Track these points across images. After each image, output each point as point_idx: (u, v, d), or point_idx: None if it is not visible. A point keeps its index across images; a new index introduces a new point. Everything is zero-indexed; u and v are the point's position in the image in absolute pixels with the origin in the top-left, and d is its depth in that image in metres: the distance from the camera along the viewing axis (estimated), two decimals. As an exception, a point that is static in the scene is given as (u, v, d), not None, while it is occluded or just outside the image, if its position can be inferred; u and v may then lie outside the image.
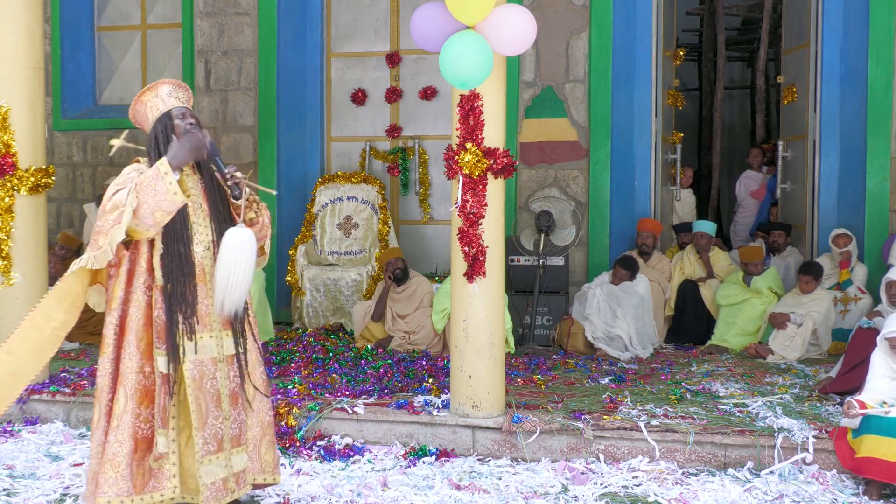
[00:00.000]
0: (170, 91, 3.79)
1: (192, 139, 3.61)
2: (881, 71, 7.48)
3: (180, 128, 3.71)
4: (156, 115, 3.74)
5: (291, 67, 8.77)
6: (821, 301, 6.97)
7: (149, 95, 3.78)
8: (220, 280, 3.59)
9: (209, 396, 3.65)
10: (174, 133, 3.70)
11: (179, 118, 3.73)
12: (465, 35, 4.64)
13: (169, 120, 3.72)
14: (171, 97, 3.77)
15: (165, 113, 3.73)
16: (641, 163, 8.29)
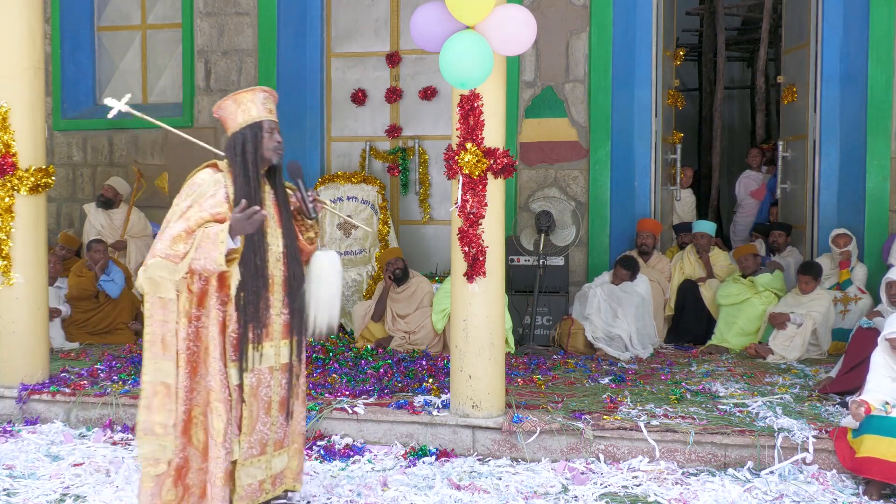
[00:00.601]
0: (264, 100, 3.78)
1: (257, 222, 3.58)
2: (881, 71, 7.48)
3: (267, 142, 3.72)
4: (247, 119, 3.73)
5: (291, 67, 8.77)
6: (821, 301, 6.97)
7: (246, 97, 3.76)
8: (315, 302, 3.72)
9: (261, 404, 3.74)
10: (262, 144, 3.70)
11: (268, 132, 3.74)
12: (465, 35, 4.63)
13: (259, 130, 3.72)
14: (264, 107, 3.77)
15: (257, 122, 3.73)
16: (641, 163, 8.29)
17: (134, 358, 6.64)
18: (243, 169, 3.68)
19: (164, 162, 9.03)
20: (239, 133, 3.73)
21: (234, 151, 3.71)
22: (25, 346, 5.84)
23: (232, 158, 3.70)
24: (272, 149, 3.73)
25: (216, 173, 3.71)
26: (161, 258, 3.53)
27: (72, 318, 7.56)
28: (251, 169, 3.69)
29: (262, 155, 3.71)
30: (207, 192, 3.64)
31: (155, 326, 3.60)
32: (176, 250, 3.52)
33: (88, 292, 7.64)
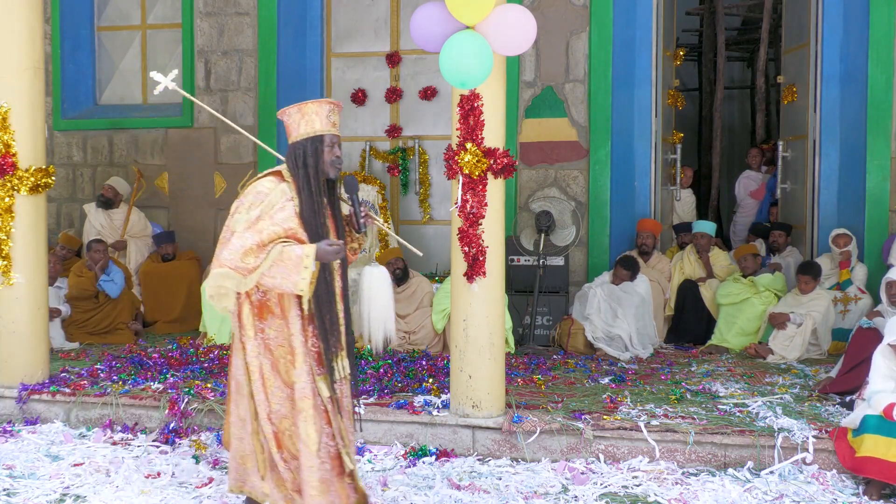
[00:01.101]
0: (329, 113, 3.75)
1: (342, 252, 3.61)
2: (881, 71, 7.48)
3: (327, 156, 3.71)
4: (308, 131, 3.71)
5: (291, 67, 8.77)
6: (820, 301, 6.97)
7: (311, 108, 3.72)
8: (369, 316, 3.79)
9: (346, 414, 3.79)
10: (322, 158, 3.69)
11: (329, 146, 3.72)
12: (465, 35, 4.63)
13: (320, 144, 3.71)
14: (328, 120, 3.74)
15: (319, 136, 3.71)
16: (641, 163, 8.28)
17: (134, 358, 6.64)
18: (306, 182, 3.67)
19: (164, 162, 9.03)
20: (300, 144, 3.71)
21: (294, 162, 3.71)
22: (25, 346, 5.84)
23: (294, 170, 3.70)
24: (330, 163, 3.72)
25: (281, 183, 3.68)
26: (230, 269, 3.52)
27: (72, 318, 7.55)
28: (313, 183, 3.68)
29: (321, 169, 3.70)
30: (276, 203, 3.62)
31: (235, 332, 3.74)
32: (246, 263, 3.51)
33: (88, 292, 7.64)
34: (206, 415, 5.47)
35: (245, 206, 3.62)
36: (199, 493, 4.49)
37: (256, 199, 3.62)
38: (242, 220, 3.58)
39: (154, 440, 5.30)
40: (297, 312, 3.64)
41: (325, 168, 3.70)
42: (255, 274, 3.51)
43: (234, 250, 3.52)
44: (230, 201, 8.80)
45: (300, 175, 3.67)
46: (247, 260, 3.51)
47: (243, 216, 3.59)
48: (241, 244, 3.52)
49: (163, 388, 5.76)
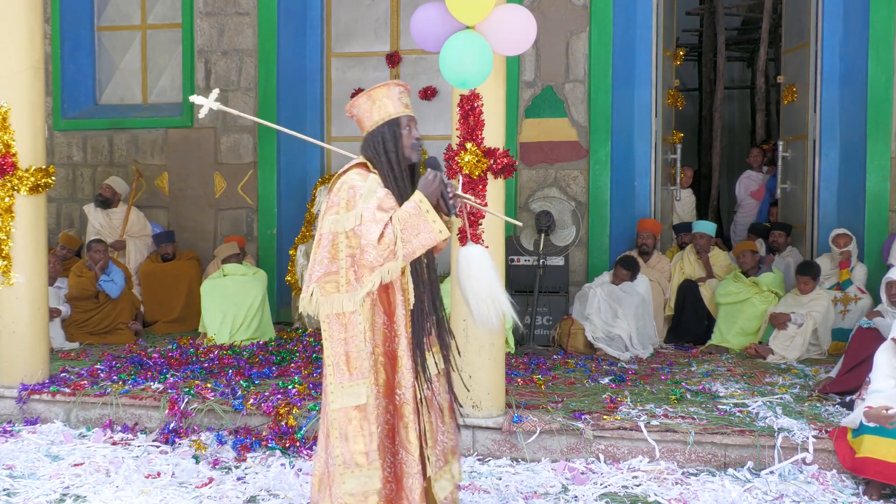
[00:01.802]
0: (400, 95, 3.56)
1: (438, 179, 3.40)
2: (881, 71, 7.48)
3: (407, 139, 3.52)
4: (383, 116, 3.52)
5: (291, 67, 8.77)
6: (820, 301, 6.97)
7: (381, 93, 3.53)
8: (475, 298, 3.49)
9: (437, 412, 3.57)
10: (401, 142, 3.50)
11: (407, 128, 3.53)
12: (465, 35, 4.63)
13: (398, 127, 3.51)
14: (400, 102, 3.55)
15: (395, 119, 3.51)
16: (641, 163, 8.28)
17: (134, 358, 6.64)
18: (389, 169, 3.49)
19: (164, 162, 9.03)
20: (377, 131, 3.52)
21: (374, 151, 3.51)
22: (25, 346, 5.84)
23: (374, 158, 3.51)
24: (411, 146, 3.53)
25: (369, 174, 3.48)
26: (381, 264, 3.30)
27: (72, 318, 7.56)
28: (396, 169, 3.50)
29: (402, 154, 3.51)
30: (377, 189, 3.39)
31: (336, 347, 3.38)
32: (387, 248, 3.29)
33: (88, 292, 7.64)
34: (206, 415, 5.47)
35: (342, 203, 3.39)
36: (199, 493, 4.49)
37: (351, 193, 3.39)
38: (343, 219, 3.37)
39: (154, 440, 5.30)
40: (403, 311, 3.45)
41: (405, 152, 3.51)
42: (398, 248, 3.28)
43: (371, 248, 3.30)
44: (230, 201, 8.83)
45: (382, 162, 3.48)
46: (384, 244, 3.29)
47: (343, 215, 3.37)
48: (371, 238, 3.30)
49: (163, 388, 5.76)
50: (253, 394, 5.60)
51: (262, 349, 7.04)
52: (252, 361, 6.60)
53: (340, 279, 3.37)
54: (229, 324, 7.40)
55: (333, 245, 3.37)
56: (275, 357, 6.75)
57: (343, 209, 3.37)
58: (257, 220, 8.76)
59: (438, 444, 3.55)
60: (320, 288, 3.37)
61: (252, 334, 7.46)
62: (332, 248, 3.38)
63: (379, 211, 3.32)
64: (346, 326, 3.37)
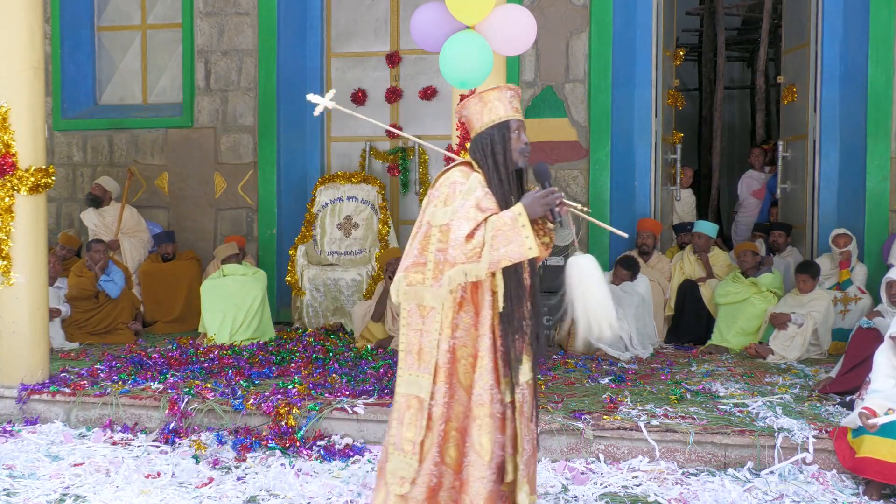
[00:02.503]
0: (511, 98, 3.53)
1: (550, 201, 3.36)
2: (881, 71, 7.48)
3: (515, 143, 3.48)
4: (493, 119, 3.48)
5: (291, 67, 8.77)
6: (820, 301, 6.97)
7: (492, 95, 3.51)
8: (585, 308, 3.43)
9: (524, 419, 3.53)
10: (510, 146, 3.47)
11: (516, 132, 3.49)
12: (465, 35, 4.63)
13: (507, 130, 3.48)
14: (511, 105, 3.52)
15: (504, 122, 3.48)
16: (641, 163, 8.28)
17: (134, 358, 6.64)
18: (495, 172, 3.45)
19: (164, 162, 9.03)
20: (486, 133, 3.49)
21: (482, 153, 3.47)
22: (25, 346, 5.84)
23: (482, 160, 3.47)
24: (520, 151, 3.49)
25: (472, 172, 3.45)
26: (463, 263, 3.28)
27: (72, 318, 7.56)
28: (503, 172, 3.45)
29: (510, 158, 3.47)
30: (475, 189, 3.37)
31: (411, 335, 3.41)
32: (473, 248, 3.27)
33: (88, 292, 7.64)
34: (206, 415, 5.47)
35: (441, 198, 3.38)
36: (199, 493, 4.49)
37: (452, 189, 3.39)
38: (439, 213, 3.36)
39: (154, 440, 5.30)
40: (489, 312, 3.41)
41: (513, 156, 3.48)
42: (485, 252, 3.26)
43: (458, 244, 3.29)
44: (230, 201, 8.83)
45: (489, 165, 3.45)
46: (471, 244, 3.28)
47: (440, 209, 3.36)
48: (459, 235, 3.28)
49: (163, 388, 5.76)
50: (253, 394, 5.60)
51: (262, 349, 7.04)
52: (252, 361, 6.60)
53: (427, 272, 3.36)
54: (229, 324, 7.40)
55: (426, 237, 3.37)
56: (275, 357, 6.75)
57: (441, 203, 3.37)
58: (257, 220, 8.77)
59: (525, 452, 3.49)
60: (406, 277, 3.39)
61: (252, 334, 7.46)
62: (423, 239, 3.38)
63: (475, 210, 3.32)
64: (425, 319, 3.39)
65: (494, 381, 3.41)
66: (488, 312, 3.42)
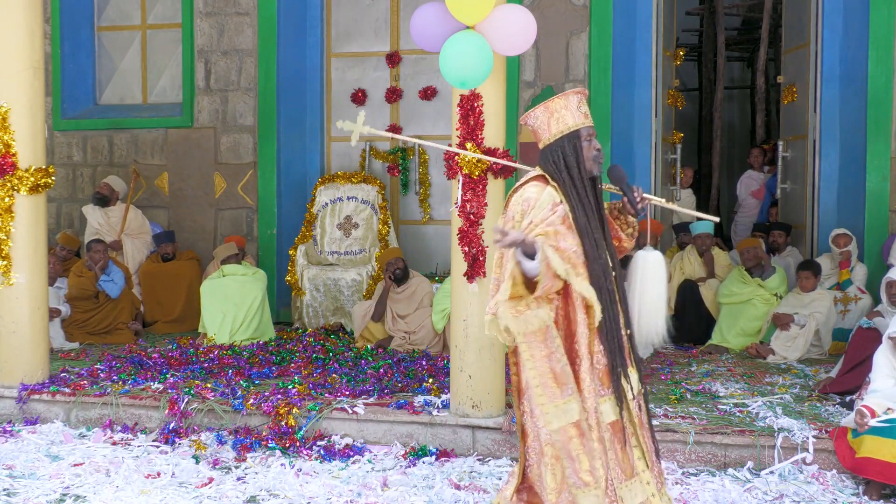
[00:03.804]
0: (578, 104, 3.39)
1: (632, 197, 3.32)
2: (881, 71, 7.48)
3: (588, 151, 3.35)
4: (562, 129, 3.37)
5: (291, 67, 8.77)
6: (822, 301, 6.97)
7: (559, 104, 3.38)
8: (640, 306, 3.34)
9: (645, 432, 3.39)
10: (582, 156, 3.34)
11: (587, 140, 3.37)
12: (465, 35, 4.63)
13: (578, 140, 3.35)
14: (579, 112, 3.38)
15: (574, 132, 3.36)
16: (641, 163, 8.28)
17: (134, 358, 6.64)
18: (572, 185, 3.31)
19: (164, 162, 9.03)
20: (555, 145, 3.37)
21: (554, 166, 3.35)
22: (25, 346, 5.84)
23: (555, 173, 3.34)
24: (593, 158, 3.35)
25: (546, 187, 3.33)
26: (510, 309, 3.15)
27: (72, 318, 7.56)
28: (579, 185, 3.32)
29: (584, 168, 3.34)
30: (545, 207, 3.26)
31: (541, 365, 3.19)
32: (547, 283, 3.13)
33: (88, 292, 7.64)
34: (206, 415, 5.47)
35: (516, 218, 3.27)
36: (199, 493, 4.49)
37: (524, 206, 3.27)
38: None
39: (154, 440, 5.30)
40: (586, 331, 3.25)
41: (587, 165, 3.35)
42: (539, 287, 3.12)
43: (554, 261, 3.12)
44: (230, 201, 8.83)
45: (564, 179, 3.32)
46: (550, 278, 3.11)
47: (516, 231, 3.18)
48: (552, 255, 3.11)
49: (163, 388, 5.76)
50: (253, 394, 5.60)
51: (262, 349, 7.04)
52: (252, 361, 6.60)
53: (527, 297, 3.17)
54: (229, 324, 7.40)
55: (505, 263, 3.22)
56: (275, 357, 6.75)
57: (518, 223, 3.25)
58: (257, 220, 8.76)
59: (654, 464, 3.38)
60: (511, 309, 3.17)
61: (252, 334, 7.46)
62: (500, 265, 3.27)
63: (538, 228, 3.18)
64: (546, 341, 3.20)
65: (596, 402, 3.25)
66: (584, 330, 3.25)
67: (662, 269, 3.38)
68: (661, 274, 3.37)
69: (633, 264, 3.39)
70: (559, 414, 3.20)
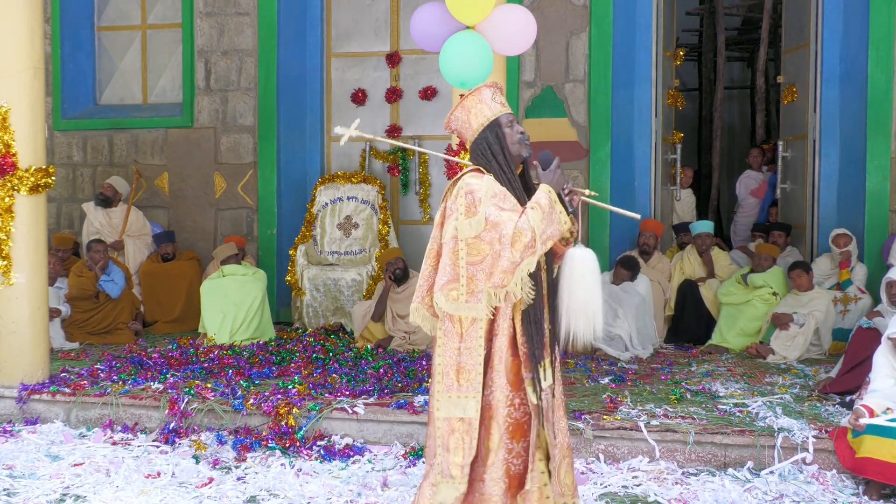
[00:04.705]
0: (493, 95, 3.45)
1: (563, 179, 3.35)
2: (881, 71, 7.48)
3: (511, 136, 3.42)
4: (482, 121, 3.42)
5: (291, 67, 8.77)
6: (820, 300, 6.97)
7: (472, 101, 3.44)
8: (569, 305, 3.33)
9: (550, 426, 3.41)
10: (506, 141, 3.41)
11: (508, 126, 3.43)
12: (465, 35, 4.63)
13: (499, 128, 3.42)
14: (495, 102, 3.45)
15: (494, 120, 3.42)
16: (641, 163, 8.28)
17: (134, 358, 6.64)
18: (501, 172, 3.37)
19: (164, 162, 9.03)
20: (480, 138, 3.42)
21: (483, 157, 3.40)
22: (25, 346, 5.84)
23: (485, 165, 3.39)
24: (518, 141, 3.42)
25: (485, 175, 3.35)
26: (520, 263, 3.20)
27: (72, 318, 7.56)
28: (507, 170, 3.39)
29: (509, 152, 3.41)
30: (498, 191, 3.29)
31: (447, 356, 3.30)
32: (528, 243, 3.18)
33: (88, 292, 7.64)
34: (206, 415, 5.47)
35: (461, 210, 3.26)
36: (199, 493, 4.49)
37: (470, 199, 3.27)
38: (462, 226, 3.23)
39: (154, 440, 5.30)
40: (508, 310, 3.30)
41: (513, 150, 3.42)
42: (538, 242, 3.18)
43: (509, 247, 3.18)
44: (230, 201, 8.83)
45: (494, 167, 3.38)
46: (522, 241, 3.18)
47: (462, 222, 3.24)
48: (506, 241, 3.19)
49: (163, 388, 5.76)
50: (253, 394, 5.60)
51: (262, 349, 7.04)
52: (252, 361, 6.60)
53: (461, 287, 3.26)
54: (229, 324, 7.40)
55: (454, 252, 3.27)
56: (275, 357, 6.75)
57: (462, 216, 3.26)
58: (257, 220, 8.77)
59: (554, 460, 3.42)
60: (445, 295, 3.28)
61: (252, 334, 7.46)
62: (453, 255, 3.28)
63: (503, 212, 3.23)
64: (463, 337, 3.29)
65: (511, 386, 3.31)
66: (505, 311, 3.30)
67: (592, 267, 3.37)
68: (590, 272, 3.36)
69: (563, 262, 3.40)
70: (449, 406, 3.30)
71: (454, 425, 3.30)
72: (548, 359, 3.40)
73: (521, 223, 3.20)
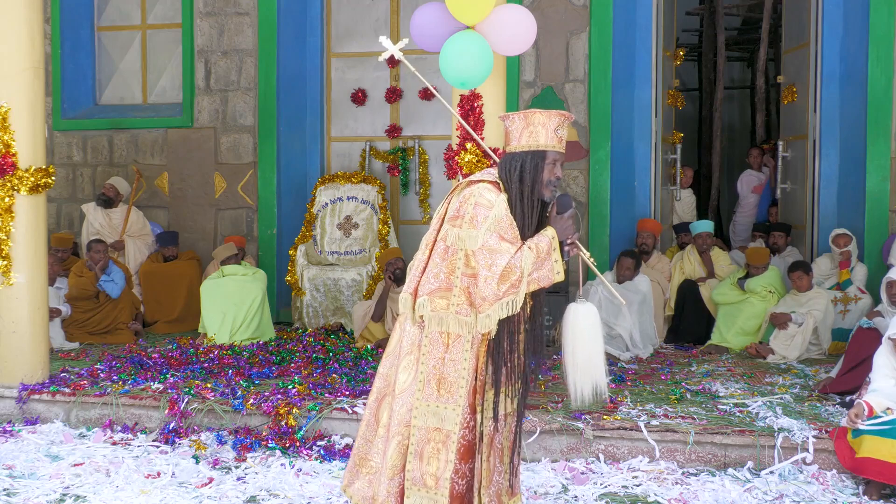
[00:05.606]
0: (557, 127, 3.36)
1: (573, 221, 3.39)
2: (881, 71, 7.48)
3: (547, 175, 3.35)
4: (531, 143, 3.33)
5: (291, 67, 8.77)
6: (820, 299, 6.97)
7: (539, 118, 3.34)
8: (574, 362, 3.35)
9: (497, 452, 3.44)
10: (540, 176, 3.33)
11: (552, 164, 3.35)
12: (466, 35, 4.64)
13: (542, 160, 3.33)
14: (554, 136, 3.34)
15: (541, 152, 3.33)
16: (641, 163, 8.28)
17: (134, 358, 6.64)
18: (519, 199, 3.33)
19: (165, 162, 9.03)
20: (518, 155, 3.35)
21: (508, 174, 3.35)
22: (25, 346, 5.84)
23: (506, 182, 3.35)
24: (548, 183, 3.36)
25: (501, 194, 3.32)
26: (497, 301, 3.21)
27: (72, 318, 7.55)
28: (527, 202, 3.34)
29: (538, 189, 3.34)
30: (502, 217, 3.28)
31: (430, 365, 3.30)
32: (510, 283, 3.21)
33: (88, 292, 7.64)
34: (206, 415, 5.47)
35: (466, 218, 3.26)
36: (199, 493, 4.49)
37: (477, 211, 3.25)
38: (465, 235, 3.24)
39: (154, 440, 5.30)
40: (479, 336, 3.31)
41: (541, 189, 3.35)
42: (523, 283, 3.22)
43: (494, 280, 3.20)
44: (230, 201, 8.83)
45: (513, 189, 3.33)
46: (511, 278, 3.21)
47: (466, 231, 3.24)
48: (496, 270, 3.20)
49: (163, 388, 5.76)
50: (253, 394, 5.60)
51: (262, 349, 7.05)
52: (252, 361, 6.60)
53: (453, 297, 3.26)
54: (229, 324, 7.40)
55: (453, 262, 3.27)
56: (275, 357, 6.75)
57: (467, 225, 3.24)
58: (257, 220, 8.77)
59: (493, 485, 3.42)
60: (431, 301, 3.29)
61: (252, 334, 7.46)
62: (451, 263, 3.28)
63: (503, 242, 3.22)
64: (449, 347, 3.29)
65: (468, 406, 3.31)
66: (477, 336, 3.31)
67: (594, 321, 3.38)
68: (593, 327, 3.37)
69: (564, 317, 3.40)
70: (427, 415, 3.31)
71: (430, 435, 3.31)
72: (513, 387, 3.39)
73: (514, 261, 3.21)
